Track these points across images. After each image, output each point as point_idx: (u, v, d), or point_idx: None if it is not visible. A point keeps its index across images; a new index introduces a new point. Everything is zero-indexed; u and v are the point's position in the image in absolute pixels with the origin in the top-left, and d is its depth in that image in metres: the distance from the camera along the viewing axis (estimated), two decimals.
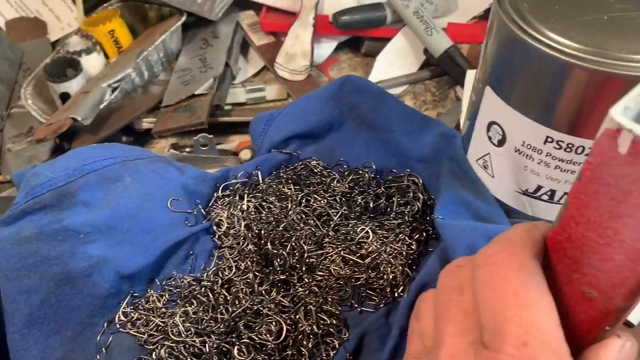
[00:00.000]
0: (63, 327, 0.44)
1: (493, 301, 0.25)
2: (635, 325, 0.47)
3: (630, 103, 0.22)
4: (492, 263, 0.27)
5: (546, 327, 0.24)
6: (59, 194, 0.47)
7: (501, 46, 0.44)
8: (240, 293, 0.45)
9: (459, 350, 0.27)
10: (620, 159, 0.22)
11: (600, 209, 0.24)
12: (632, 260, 0.24)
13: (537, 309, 0.25)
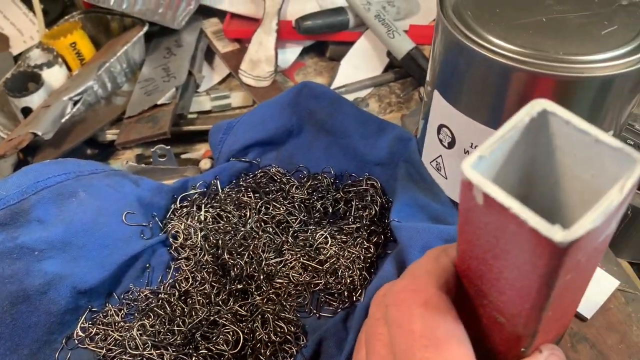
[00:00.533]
0: (20, 346, 0.44)
1: (402, 343, 0.25)
2: (588, 319, 0.48)
3: (485, 152, 0.23)
4: (398, 302, 0.27)
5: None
6: (12, 211, 0.46)
7: (446, 51, 0.45)
8: (197, 304, 0.45)
9: None
10: (480, 208, 0.22)
11: (482, 247, 0.25)
12: (521, 297, 0.24)
13: (445, 347, 0.24)
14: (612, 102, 0.40)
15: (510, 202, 0.21)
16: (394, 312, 0.26)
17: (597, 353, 0.46)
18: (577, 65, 0.38)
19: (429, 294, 0.26)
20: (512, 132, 0.24)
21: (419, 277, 0.27)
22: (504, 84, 0.41)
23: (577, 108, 0.40)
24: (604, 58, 0.39)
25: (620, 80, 0.39)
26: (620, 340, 0.47)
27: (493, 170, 0.24)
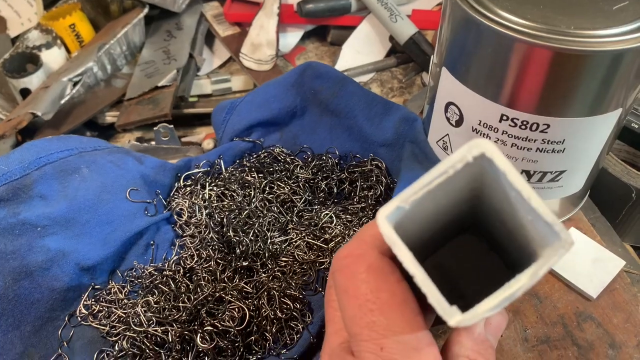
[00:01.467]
0: (22, 322, 0.43)
1: (348, 309, 0.25)
2: (594, 299, 0.47)
3: (404, 203, 0.23)
4: (343, 268, 0.26)
5: (401, 326, 0.24)
6: (15, 187, 0.46)
7: (455, 27, 0.44)
8: (202, 281, 0.45)
9: (334, 351, 0.27)
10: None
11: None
12: None
13: (389, 310, 0.24)
14: (622, 78, 0.40)
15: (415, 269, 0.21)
16: (339, 278, 0.26)
17: (603, 332, 0.46)
18: (588, 39, 0.38)
19: (372, 257, 0.26)
20: (443, 178, 0.23)
21: (364, 241, 0.27)
22: (514, 58, 0.41)
23: (587, 83, 0.40)
24: (615, 33, 0.38)
25: (631, 55, 0.39)
26: (626, 319, 0.46)
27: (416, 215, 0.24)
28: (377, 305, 0.24)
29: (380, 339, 0.24)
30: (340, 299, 0.26)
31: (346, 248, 0.27)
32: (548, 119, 0.42)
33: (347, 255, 0.27)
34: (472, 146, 0.23)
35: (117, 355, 0.43)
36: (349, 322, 0.25)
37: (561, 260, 0.50)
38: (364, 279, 0.25)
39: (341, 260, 0.27)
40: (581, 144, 0.44)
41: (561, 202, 0.52)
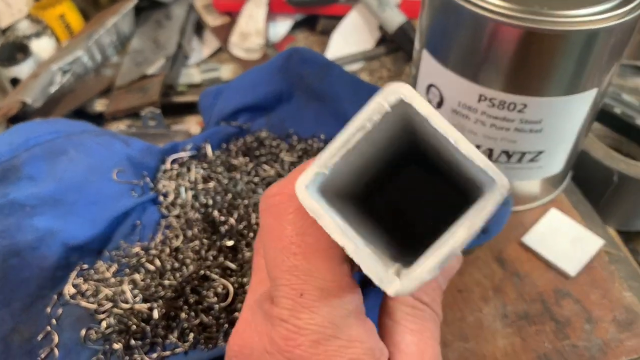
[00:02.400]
0: (12, 300, 0.44)
1: (272, 251, 0.24)
2: (572, 276, 0.48)
3: (322, 169, 0.21)
4: (270, 206, 0.25)
5: (324, 273, 0.23)
6: (4, 168, 0.46)
7: (434, 9, 0.45)
8: (188, 259, 0.45)
9: (254, 301, 0.26)
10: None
11: None
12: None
13: (312, 254, 0.23)
14: (596, 58, 0.41)
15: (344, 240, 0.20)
16: (265, 218, 0.25)
17: (581, 308, 0.47)
18: (561, 19, 0.39)
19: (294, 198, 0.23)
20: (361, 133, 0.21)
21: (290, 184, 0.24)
22: (490, 39, 0.42)
23: (564, 62, 0.41)
24: (587, 13, 0.39)
25: (604, 34, 0.40)
26: (603, 296, 0.48)
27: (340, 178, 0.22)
28: (301, 249, 0.23)
29: (301, 284, 0.23)
30: (265, 240, 0.25)
31: (276, 185, 0.25)
32: (525, 98, 0.43)
33: (276, 194, 0.25)
34: (387, 93, 0.21)
35: (105, 331, 0.44)
36: (271, 265, 0.24)
37: (542, 240, 0.51)
38: (291, 219, 0.23)
39: (270, 198, 0.25)
40: (558, 124, 0.45)
41: (542, 183, 0.53)
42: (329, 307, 0.23)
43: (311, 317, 0.23)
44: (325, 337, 0.23)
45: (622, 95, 0.64)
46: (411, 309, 0.26)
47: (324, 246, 0.24)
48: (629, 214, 0.60)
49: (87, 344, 0.44)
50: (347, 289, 0.24)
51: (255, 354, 0.25)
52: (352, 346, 0.23)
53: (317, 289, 0.23)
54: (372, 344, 0.24)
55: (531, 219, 0.53)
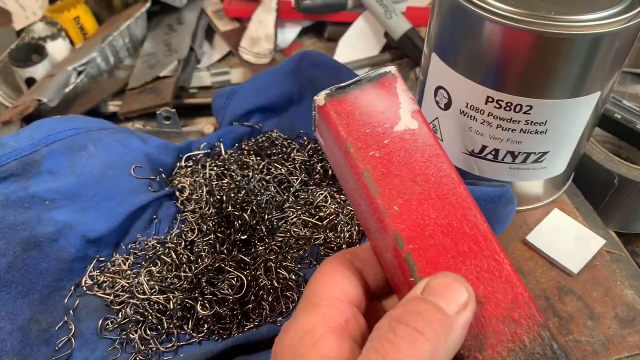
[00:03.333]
0: (31, 290, 0.45)
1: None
2: (575, 274, 0.50)
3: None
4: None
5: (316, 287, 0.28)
6: (25, 162, 0.48)
7: (444, 14, 0.47)
8: (203, 252, 0.47)
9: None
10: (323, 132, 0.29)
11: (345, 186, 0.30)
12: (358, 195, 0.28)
13: (314, 283, 0.28)
14: (600, 62, 0.43)
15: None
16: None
17: (583, 304, 0.48)
18: (567, 24, 0.41)
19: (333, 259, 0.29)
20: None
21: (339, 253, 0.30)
22: (498, 42, 0.43)
23: (569, 66, 0.42)
24: (593, 18, 0.41)
25: (608, 39, 0.41)
26: (605, 293, 0.49)
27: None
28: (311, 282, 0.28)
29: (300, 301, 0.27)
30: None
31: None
32: (531, 100, 0.45)
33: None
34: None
35: (121, 322, 0.45)
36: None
37: (545, 238, 0.52)
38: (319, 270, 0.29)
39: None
40: (562, 126, 0.47)
41: (545, 184, 0.54)
42: (304, 313, 0.26)
43: (289, 323, 0.26)
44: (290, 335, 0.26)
45: (623, 102, 0.66)
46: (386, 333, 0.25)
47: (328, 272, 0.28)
48: (629, 216, 0.62)
49: (104, 334, 0.45)
50: (327, 301, 0.27)
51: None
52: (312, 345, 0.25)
53: (304, 302, 0.27)
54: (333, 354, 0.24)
55: (534, 219, 0.55)
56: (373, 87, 0.29)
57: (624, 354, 0.45)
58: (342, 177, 0.30)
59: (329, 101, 0.28)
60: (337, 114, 0.28)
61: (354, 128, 0.28)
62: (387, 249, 0.28)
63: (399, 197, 0.28)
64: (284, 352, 0.25)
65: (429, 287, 0.24)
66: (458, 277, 0.25)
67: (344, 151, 0.28)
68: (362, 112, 0.28)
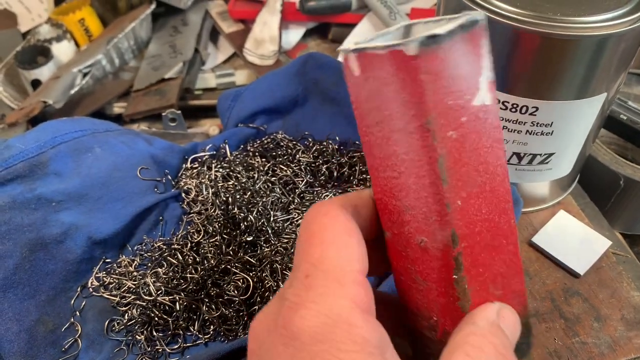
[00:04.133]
0: (38, 291, 0.46)
1: (299, 243, 0.26)
2: (581, 275, 0.50)
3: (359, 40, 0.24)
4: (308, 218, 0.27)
5: (333, 259, 0.25)
6: (31, 164, 0.48)
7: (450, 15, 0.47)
8: (209, 254, 0.47)
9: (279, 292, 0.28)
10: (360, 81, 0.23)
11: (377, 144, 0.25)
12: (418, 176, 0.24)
13: (327, 246, 0.25)
14: (606, 63, 0.43)
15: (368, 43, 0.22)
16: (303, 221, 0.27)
17: (589, 306, 0.48)
18: (574, 25, 0.41)
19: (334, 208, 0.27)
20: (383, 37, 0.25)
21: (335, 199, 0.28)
22: (506, 45, 0.43)
23: (575, 67, 0.42)
24: (599, 19, 0.41)
25: (614, 40, 0.41)
26: (611, 295, 0.49)
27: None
28: (319, 241, 0.25)
29: (309, 267, 0.24)
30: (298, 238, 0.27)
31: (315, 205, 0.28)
32: (537, 101, 0.45)
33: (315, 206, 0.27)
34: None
35: (127, 323, 0.45)
36: (296, 253, 0.26)
37: (551, 240, 0.52)
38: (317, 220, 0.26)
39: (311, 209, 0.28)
40: (568, 127, 0.47)
41: (551, 185, 0.54)
42: (325, 288, 0.24)
43: (307, 295, 0.24)
44: (312, 312, 0.24)
45: (629, 103, 0.66)
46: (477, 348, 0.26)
47: (340, 240, 0.25)
48: (635, 217, 0.61)
49: (110, 335, 0.46)
50: (352, 279, 0.25)
51: (262, 335, 0.26)
52: (338, 326, 0.23)
53: (320, 272, 0.24)
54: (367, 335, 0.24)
55: (540, 220, 0.55)
56: (463, 41, 0.22)
57: (630, 356, 0.45)
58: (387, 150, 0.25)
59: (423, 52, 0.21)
60: (428, 73, 0.21)
61: (439, 97, 0.22)
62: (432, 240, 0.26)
63: (463, 189, 0.25)
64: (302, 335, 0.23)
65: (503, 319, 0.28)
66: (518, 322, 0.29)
67: (419, 126, 0.23)
68: (448, 75, 0.22)
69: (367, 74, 0.23)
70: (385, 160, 0.25)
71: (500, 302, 0.28)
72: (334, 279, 0.24)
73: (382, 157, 0.26)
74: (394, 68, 0.22)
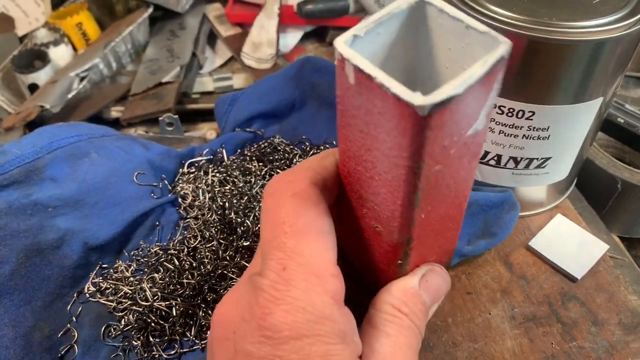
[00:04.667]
0: (34, 297, 0.45)
1: (266, 230, 0.26)
2: (578, 280, 0.50)
3: (359, 31, 0.23)
4: (272, 192, 0.26)
5: (309, 251, 0.25)
6: (27, 170, 0.48)
7: None
8: (205, 259, 0.47)
9: (246, 276, 0.28)
10: (352, 88, 0.22)
11: (355, 141, 0.24)
12: (392, 193, 0.24)
13: (302, 235, 0.25)
14: (602, 68, 0.43)
15: (376, 72, 0.21)
16: (267, 201, 0.26)
17: (587, 310, 0.48)
18: (569, 30, 0.41)
19: (302, 186, 0.26)
20: (389, 17, 0.24)
21: (297, 170, 0.27)
22: None
23: (571, 72, 0.42)
24: (594, 24, 0.41)
25: (610, 45, 0.41)
26: (609, 299, 0.49)
27: (369, 52, 0.24)
28: (292, 229, 0.25)
29: (285, 259, 0.24)
30: (262, 221, 0.26)
31: (279, 175, 0.27)
32: (533, 106, 0.45)
33: (278, 181, 0.27)
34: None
35: (124, 329, 0.45)
36: (264, 242, 0.26)
37: (548, 244, 0.52)
38: (287, 202, 0.25)
39: (272, 185, 0.27)
40: (565, 131, 0.47)
41: (548, 189, 0.54)
42: (306, 283, 0.24)
43: (287, 289, 0.24)
44: (296, 308, 0.24)
45: (626, 106, 0.66)
46: (389, 316, 0.28)
47: (313, 230, 0.25)
48: (633, 221, 0.62)
49: (107, 341, 0.45)
50: (329, 272, 0.25)
51: (235, 321, 0.26)
52: (321, 323, 0.24)
53: (299, 265, 0.24)
54: (344, 328, 0.25)
55: (537, 224, 0.55)
56: (481, 83, 0.21)
57: None
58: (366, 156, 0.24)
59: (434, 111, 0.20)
60: (433, 129, 0.20)
61: (436, 145, 0.22)
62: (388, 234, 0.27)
63: (430, 205, 0.25)
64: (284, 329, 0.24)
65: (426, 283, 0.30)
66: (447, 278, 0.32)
67: (407, 165, 0.22)
68: (453, 122, 0.21)
69: (362, 91, 0.22)
70: (361, 159, 0.25)
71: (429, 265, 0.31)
72: (313, 273, 0.25)
73: (358, 156, 0.25)
74: (397, 112, 0.21)
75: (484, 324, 0.47)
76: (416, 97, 0.19)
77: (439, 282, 0.31)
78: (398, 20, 0.24)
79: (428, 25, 0.25)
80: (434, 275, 0.31)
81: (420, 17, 0.24)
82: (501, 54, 0.21)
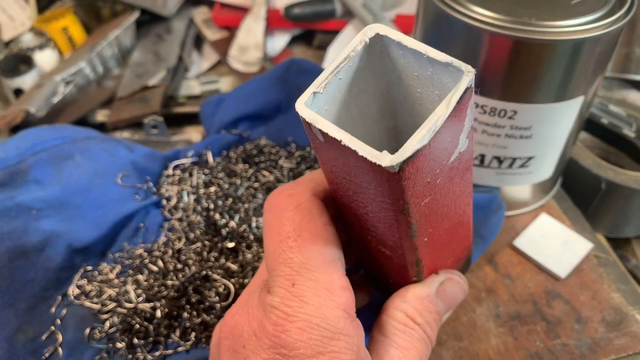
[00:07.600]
0: (17, 300, 0.45)
1: (270, 245, 0.25)
2: (562, 278, 0.50)
3: (318, 88, 0.23)
4: (273, 206, 0.26)
5: (317, 265, 0.24)
6: (11, 172, 0.48)
7: (429, 22, 0.47)
8: (190, 260, 0.47)
9: (253, 289, 0.27)
10: (324, 145, 0.22)
11: (342, 185, 0.24)
12: (389, 228, 0.24)
13: (308, 250, 0.25)
14: (582, 66, 0.43)
15: (341, 134, 0.20)
16: (268, 216, 0.26)
17: (571, 308, 0.48)
18: (549, 29, 0.41)
19: (303, 198, 0.26)
20: (347, 62, 0.23)
21: (298, 183, 0.27)
22: (482, 48, 0.44)
23: (552, 71, 0.43)
24: (574, 24, 0.42)
25: (589, 44, 0.42)
26: (592, 297, 0.49)
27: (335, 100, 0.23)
28: (297, 243, 0.25)
29: (294, 275, 0.24)
30: (265, 236, 0.26)
31: (279, 188, 0.27)
32: (515, 105, 0.45)
33: (278, 194, 0.27)
34: (366, 30, 0.24)
35: (108, 331, 0.45)
36: (269, 257, 0.25)
37: (533, 243, 0.52)
38: (290, 216, 0.25)
39: (273, 198, 0.27)
40: (547, 130, 0.47)
41: (532, 188, 0.54)
42: (318, 298, 0.24)
43: (300, 306, 0.24)
44: (311, 325, 0.24)
45: (610, 107, 0.66)
46: (402, 326, 0.28)
47: (320, 242, 0.25)
48: (617, 220, 0.62)
49: (91, 343, 0.45)
50: (339, 284, 0.25)
51: (245, 336, 0.26)
52: (335, 337, 0.24)
53: (309, 281, 0.24)
54: (357, 341, 0.25)
55: (522, 224, 0.55)
56: (450, 120, 0.21)
57: (611, 357, 0.45)
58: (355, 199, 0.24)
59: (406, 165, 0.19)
60: (408, 179, 0.20)
61: (417, 186, 0.21)
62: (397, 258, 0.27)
63: (430, 227, 0.25)
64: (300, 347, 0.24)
65: (444, 292, 0.30)
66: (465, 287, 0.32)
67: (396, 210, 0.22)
68: (429, 161, 0.21)
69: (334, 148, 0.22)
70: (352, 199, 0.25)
71: (448, 273, 0.31)
72: (323, 287, 0.24)
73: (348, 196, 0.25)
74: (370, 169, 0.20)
75: (469, 322, 0.47)
76: (383, 157, 0.19)
77: (456, 290, 0.30)
78: (357, 59, 0.23)
79: (391, 56, 0.24)
80: (452, 285, 0.30)
81: (382, 49, 0.24)
82: (466, 86, 0.21)
